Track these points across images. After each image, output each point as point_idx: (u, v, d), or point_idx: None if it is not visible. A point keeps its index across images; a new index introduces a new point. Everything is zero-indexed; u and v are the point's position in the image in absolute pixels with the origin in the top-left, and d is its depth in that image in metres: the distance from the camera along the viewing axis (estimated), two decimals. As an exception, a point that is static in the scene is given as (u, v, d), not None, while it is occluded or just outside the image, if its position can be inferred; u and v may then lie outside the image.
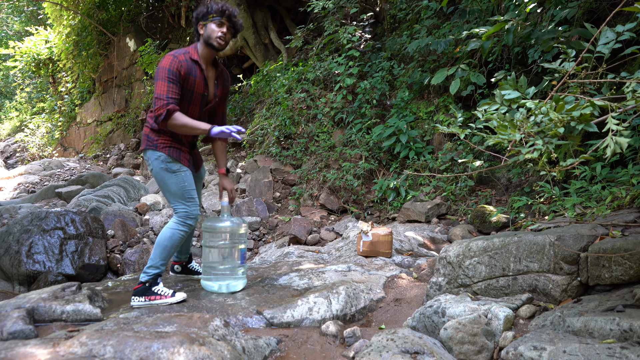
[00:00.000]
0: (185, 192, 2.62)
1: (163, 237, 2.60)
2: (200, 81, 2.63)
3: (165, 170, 2.61)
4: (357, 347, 2.09)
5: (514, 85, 2.08)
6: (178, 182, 2.61)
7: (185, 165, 2.67)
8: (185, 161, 2.68)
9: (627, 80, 1.81)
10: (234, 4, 8.23)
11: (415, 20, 6.48)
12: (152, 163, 2.65)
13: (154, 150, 2.63)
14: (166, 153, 2.61)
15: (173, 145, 2.65)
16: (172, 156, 2.62)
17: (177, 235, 2.61)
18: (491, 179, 4.96)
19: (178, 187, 2.61)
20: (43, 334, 2.13)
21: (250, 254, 4.77)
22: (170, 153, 2.62)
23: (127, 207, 6.07)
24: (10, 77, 17.39)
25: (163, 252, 2.60)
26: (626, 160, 3.58)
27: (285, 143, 6.61)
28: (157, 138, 2.64)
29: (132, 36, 11.56)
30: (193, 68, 2.59)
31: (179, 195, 2.62)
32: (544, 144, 1.77)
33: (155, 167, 2.64)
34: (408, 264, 3.48)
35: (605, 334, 1.71)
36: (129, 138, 11.39)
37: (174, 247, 2.62)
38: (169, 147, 2.63)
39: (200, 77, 2.63)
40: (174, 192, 2.62)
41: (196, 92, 2.63)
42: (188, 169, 2.68)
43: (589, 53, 2.19)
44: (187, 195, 2.62)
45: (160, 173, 2.62)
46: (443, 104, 5.52)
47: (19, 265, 3.94)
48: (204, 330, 1.93)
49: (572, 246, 2.18)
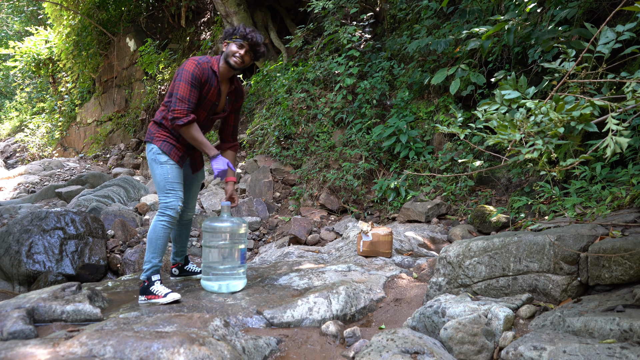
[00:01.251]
0: (167, 184, 2.71)
1: (149, 231, 2.72)
2: (215, 91, 2.78)
3: (154, 161, 2.75)
4: (357, 347, 2.09)
5: (514, 85, 2.08)
6: (162, 174, 2.72)
7: (174, 160, 2.76)
8: (176, 157, 2.77)
9: (627, 80, 1.81)
10: (234, 4, 8.24)
11: (415, 20, 6.47)
12: (147, 155, 2.80)
13: (150, 142, 2.79)
14: (158, 145, 2.75)
15: (167, 140, 2.77)
16: (162, 149, 2.74)
17: (159, 226, 2.69)
18: (491, 179, 4.96)
19: (161, 178, 2.72)
20: (43, 334, 2.13)
21: (250, 254, 4.77)
22: (162, 146, 2.75)
23: (127, 207, 6.07)
24: (10, 77, 17.39)
25: (150, 246, 2.69)
26: (626, 160, 3.58)
27: (285, 143, 6.61)
28: (155, 131, 2.80)
29: (132, 36, 11.56)
30: (212, 77, 2.75)
31: (161, 187, 2.72)
32: (544, 144, 1.77)
33: (148, 159, 2.79)
34: (408, 264, 3.48)
35: (605, 334, 1.71)
36: (129, 138, 11.39)
37: (158, 238, 2.68)
38: (163, 141, 2.76)
39: (215, 87, 2.78)
40: (157, 183, 2.74)
41: (208, 99, 2.78)
42: (176, 163, 2.77)
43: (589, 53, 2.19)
44: (168, 187, 2.71)
45: (151, 164, 2.77)
46: (443, 104, 5.52)
47: (19, 265, 3.94)
48: (204, 330, 1.93)
49: (572, 246, 2.18)
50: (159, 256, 2.70)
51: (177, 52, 10.67)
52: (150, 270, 2.67)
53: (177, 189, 2.73)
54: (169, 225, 2.70)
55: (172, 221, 2.71)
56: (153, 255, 2.68)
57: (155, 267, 2.68)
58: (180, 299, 2.59)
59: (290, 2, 8.99)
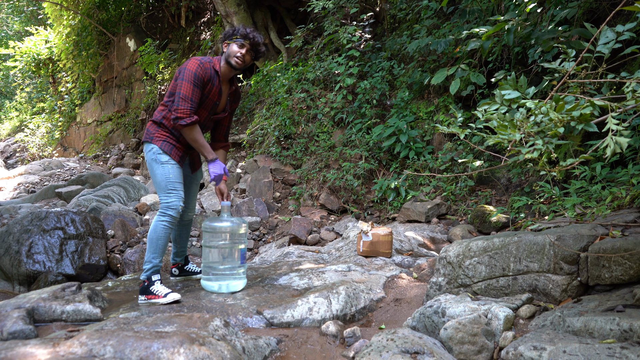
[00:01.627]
0: (169, 184, 2.70)
1: (149, 231, 2.71)
2: (216, 90, 2.79)
3: (154, 161, 2.74)
4: (357, 347, 2.09)
5: (514, 85, 2.08)
6: (163, 173, 2.71)
7: (175, 160, 2.76)
8: (177, 157, 2.77)
9: (627, 80, 1.81)
10: (234, 4, 8.23)
11: (415, 20, 6.47)
12: (146, 155, 2.79)
13: (149, 142, 2.78)
14: (158, 145, 2.74)
15: (168, 140, 2.76)
16: (163, 149, 2.74)
17: (160, 226, 2.68)
18: (491, 179, 4.96)
19: (162, 177, 2.71)
20: (43, 334, 2.13)
21: (250, 254, 4.77)
22: (163, 146, 2.74)
23: (127, 207, 6.07)
24: (10, 77, 17.38)
25: (151, 245, 2.69)
26: (626, 160, 3.58)
27: (285, 143, 6.61)
28: (154, 131, 2.79)
29: (132, 36, 11.56)
30: (214, 77, 2.76)
31: (162, 187, 2.71)
32: (544, 144, 1.77)
33: (148, 159, 2.77)
34: (408, 264, 3.48)
35: (605, 334, 1.71)
36: (129, 138, 11.39)
37: (159, 238, 2.68)
38: (164, 141, 2.76)
39: (217, 86, 2.79)
40: (158, 183, 2.72)
41: (210, 98, 2.79)
42: (177, 163, 2.77)
43: (589, 53, 2.19)
44: (169, 187, 2.70)
45: (151, 164, 2.75)
46: (443, 104, 5.52)
47: (19, 265, 3.94)
48: (204, 330, 1.93)
49: (572, 246, 2.18)
50: (160, 256, 2.70)
51: (177, 52, 10.68)
52: (151, 270, 2.67)
53: (178, 189, 2.73)
54: (170, 225, 2.70)
55: (173, 221, 2.71)
56: (154, 255, 2.68)
57: (155, 267, 2.68)
58: (180, 299, 2.59)
59: (290, 2, 8.99)
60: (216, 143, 3.07)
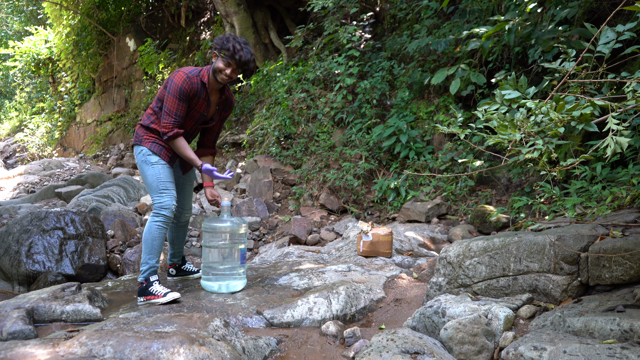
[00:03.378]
0: (160, 184, 2.71)
1: (144, 232, 2.71)
2: (203, 102, 2.77)
3: (144, 163, 2.75)
4: (357, 347, 2.09)
5: (514, 85, 2.08)
6: (154, 174, 2.72)
7: (165, 160, 2.76)
8: (166, 157, 2.78)
9: (627, 80, 1.81)
10: (234, 4, 8.23)
11: (416, 20, 6.47)
12: (136, 157, 2.80)
13: (139, 145, 2.79)
14: (147, 147, 2.76)
15: (156, 142, 2.78)
16: (152, 150, 2.75)
17: (154, 227, 2.68)
18: (491, 179, 4.96)
19: (153, 178, 2.71)
20: (43, 334, 2.13)
21: (250, 254, 4.77)
22: (152, 147, 2.75)
23: (126, 207, 6.07)
24: (10, 77, 17.38)
25: (146, 247, 2.69)
26: (626, 160, 3.58)
27: (285, 143, 6.61)
28: (143, 134, 2.80)
29: (132, 36, 11.55)
30: (201, 90, 2.73)
31: (154, 187, 2.71)
32: (544, 144, 1.77)
33: (138, 161, 2.79)
34: (408, 264, 3.48)
35: (605, 334, 1.71)
36: (129, 138, 11.38)
37: (154, 239, 2.68)
38: (152, 142, 2.77)
39: (204, 99, 2.77)
40: (150, 184, 2.73)
41: (196, 110, 2.78)
42: (167, 163, 2.77)
43: (589, 53, 2.19)
44: (161, 187, 2.70)
45: (141, 165, 2.77)
46: (443, 104, 5.52)
47: (18, 265, 3.94)
48: (204, 330, 1.92)
49: (573, 246, 2.18)
50: (156, 257, 2.69)
51: (177, 52, 10.67)
52: (148, 271, 2.66)
53: (170, 189, 2.72)
54: (164, 225, 2.70)
55: (167, 221, 2.70)
56: (150, 256, 2.68)
57: (152, 268, 2.67)
58: (179, 298, 2.59)
59: (290, 2, 8.98)
60: (203, 149, 3.03)
